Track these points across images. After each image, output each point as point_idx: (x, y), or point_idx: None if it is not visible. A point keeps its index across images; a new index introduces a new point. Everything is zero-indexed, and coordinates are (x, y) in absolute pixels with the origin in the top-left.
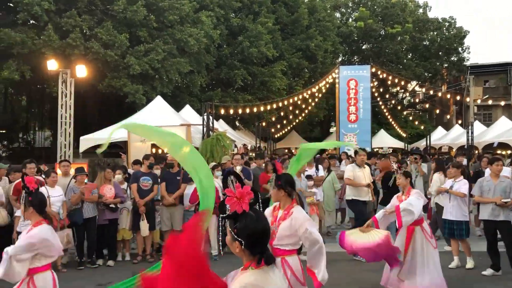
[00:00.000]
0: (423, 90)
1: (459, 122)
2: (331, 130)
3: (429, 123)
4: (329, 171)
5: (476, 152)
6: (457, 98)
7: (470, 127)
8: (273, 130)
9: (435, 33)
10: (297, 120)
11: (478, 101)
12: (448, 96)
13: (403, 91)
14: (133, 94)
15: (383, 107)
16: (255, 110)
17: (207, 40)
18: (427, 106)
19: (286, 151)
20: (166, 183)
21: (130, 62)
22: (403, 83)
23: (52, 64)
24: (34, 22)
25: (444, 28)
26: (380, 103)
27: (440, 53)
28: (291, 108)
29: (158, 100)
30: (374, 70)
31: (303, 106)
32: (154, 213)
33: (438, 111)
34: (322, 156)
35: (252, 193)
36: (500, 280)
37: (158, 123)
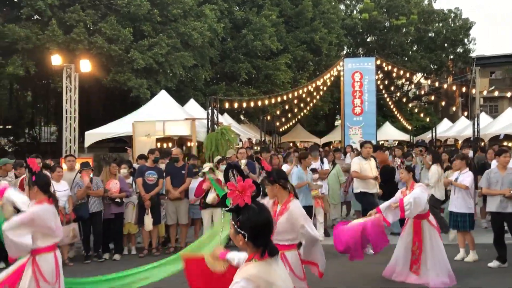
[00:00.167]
0: (429, 82)
1: (465, 114)
2: (336, 123)
3: (434, 116)
4: (334, 164)
5: (483, 143)
6: (462, 90)
7: (476, 119)
8: (277, 124)
9: (441, 24)
10: (302, 114)
11: (484, 92)
12: (453, 88)
13: (408, 83)
14: (137, 88)
15: (388, 99)
16: (259, 103)
17: (211, 33)
18: (433, 98)
19: (291, 144)
20: (171, 177)
21: (134, 56)
22: (408, 75)
23: (56, 59)
24: (38, 17)
25: (450, 19)
26: (385, 95)
27: (445, 44)
28: (295, 101)
29: (163, 95)
30: (379, 62)
31: (308, 99)
32: (160, 207)
33: (443, 103)
34: (327, 149)
35: (254, 186)
36: (506, 272)
37: (162, 118)
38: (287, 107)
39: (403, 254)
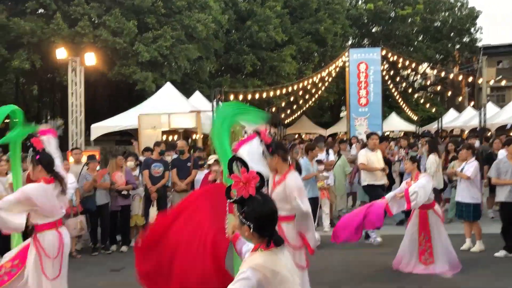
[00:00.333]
0: (434, 72)
1: (472, 104)
2: (342, 115)
3: (440, 106)
4: (339, 155)
5: (489, 133)
6: (469, 79)
7: (483, 109)
8: (283, 116)
9: (447, 13)
10: (307, 105)
11: (491, 82)
12: (460, 78)
13: (414, 73)
14: (142, 81)
15: (394, 90)
16: (264, 95)
17: (215, 25)
18: (439, 88)
19: (297, 136)
20: (177, 169)
21: (139, 49)
22: (414, 65)
23: (61, 53)
24: (43, 10)
25: (456, 9)
26: (391, 86)
27: (451, 34)
28: (301, 93)
29: (168, 87)
30: (384, 52)
31: (313, 91)
32: (166, 199)
33: (450, 93)
34: (330, 140)
35: (258, 177)
36: None
37: (168, 110)
38: (292, 99)
39: (409, 245)
